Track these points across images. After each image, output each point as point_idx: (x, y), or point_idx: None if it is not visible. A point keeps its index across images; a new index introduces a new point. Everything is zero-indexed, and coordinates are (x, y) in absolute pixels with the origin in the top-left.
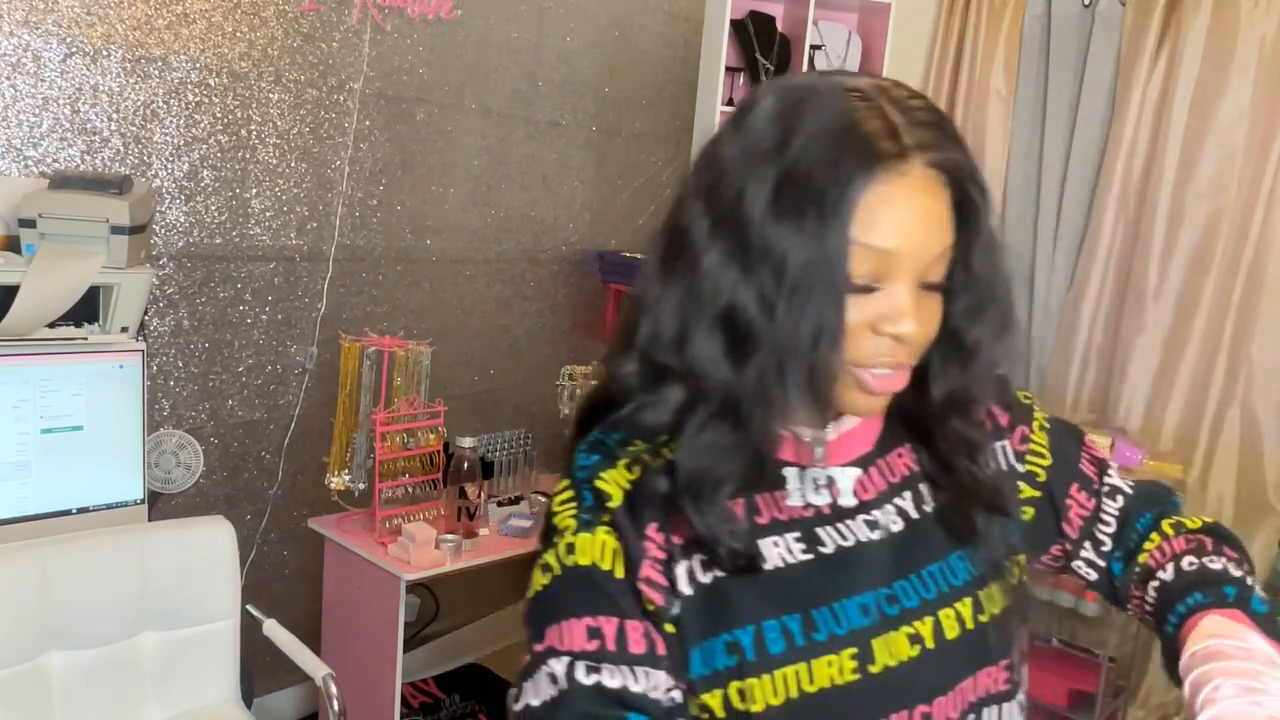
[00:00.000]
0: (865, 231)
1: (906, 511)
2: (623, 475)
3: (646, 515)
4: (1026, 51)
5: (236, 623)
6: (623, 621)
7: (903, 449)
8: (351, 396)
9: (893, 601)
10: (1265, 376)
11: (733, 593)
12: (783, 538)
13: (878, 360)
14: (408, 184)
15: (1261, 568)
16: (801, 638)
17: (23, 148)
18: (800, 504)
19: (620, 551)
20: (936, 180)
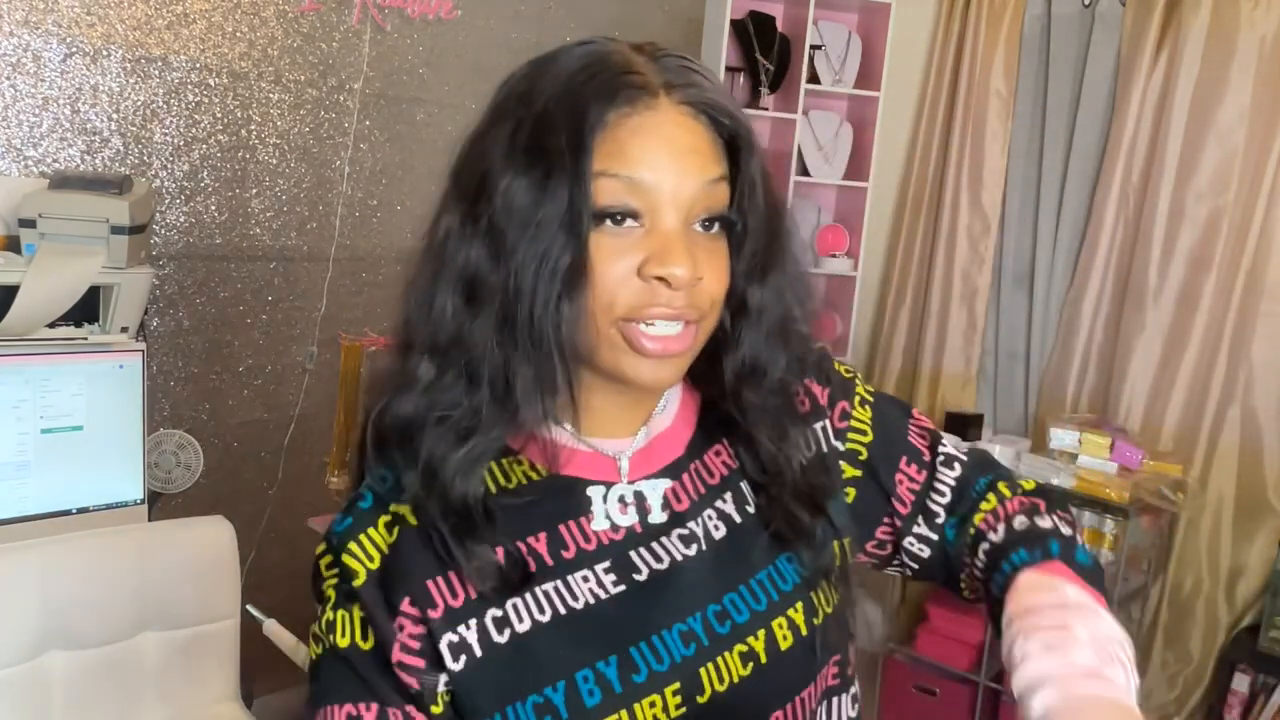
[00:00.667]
0: (610, 162)
1: (729, 515)
2: (379, 538)
3: (401, 587)
4: (1026, 51)
5: (236, 623)
6: (383, 709)
7: (719, 446)
8: (351, 396)
9: (723, 619)
10: (1265, 376)
11: (539, 646)
12: (592, 570)
13: (652, 311)
14: (408, 184)
15: (1262, 568)
16: (619, 684)
17: (23, 148)
18: (607, 526)
19: (370, 631)
20: (689, 115)
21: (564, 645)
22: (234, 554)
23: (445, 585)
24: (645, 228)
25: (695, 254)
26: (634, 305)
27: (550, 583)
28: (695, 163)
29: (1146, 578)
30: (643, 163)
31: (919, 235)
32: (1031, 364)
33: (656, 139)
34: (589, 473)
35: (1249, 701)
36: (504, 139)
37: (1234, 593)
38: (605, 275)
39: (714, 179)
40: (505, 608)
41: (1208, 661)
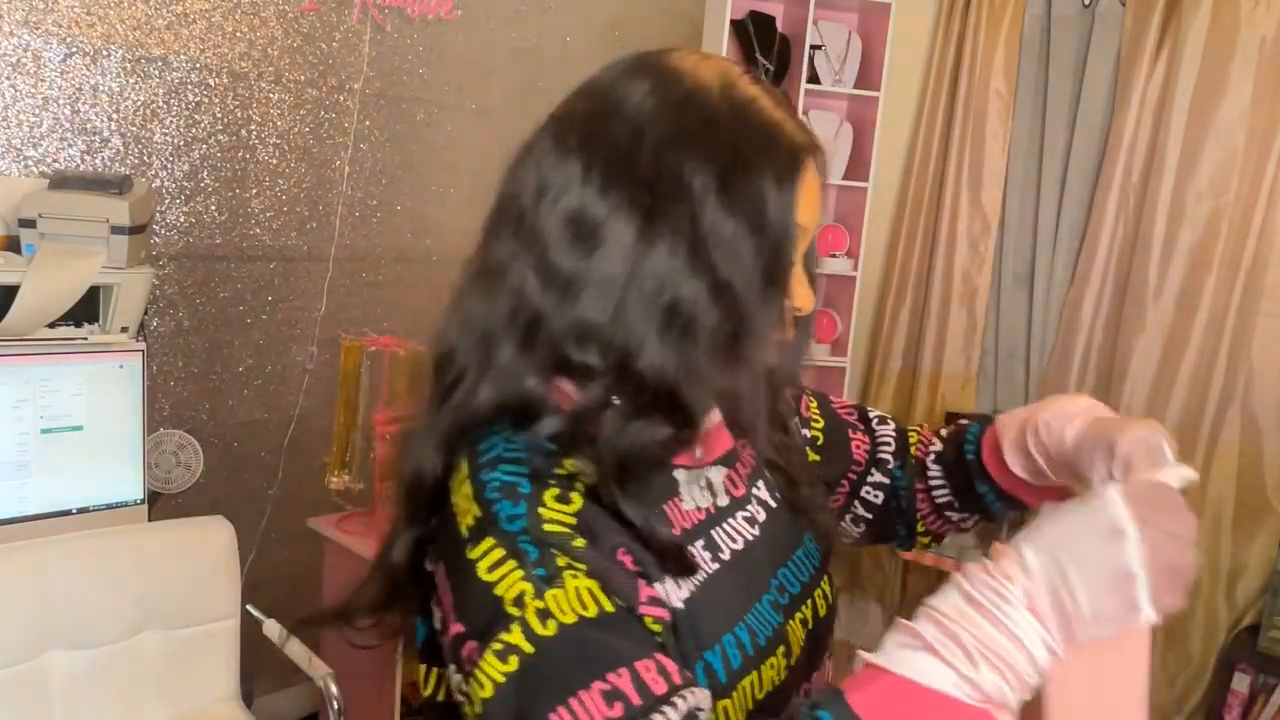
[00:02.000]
0: (800, 213)
1: (765, 500)
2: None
3: (608, 537)
4: (1026, 51)
5: (236, 623)
6: (633, 667)
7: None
8: (351, 396)
9: (783, 591)
10: (1265, 376)
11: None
12: (695, 548)
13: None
14: (408, 184)
15: (1262, 568)
16: (750, 647)
17: (23, 148)
18: (693, 507)
19: (601, 587)
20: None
21: (706, 615)
22: (234, 554)
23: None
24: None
25: None
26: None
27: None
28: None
29: None
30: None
31: (919, 235)
32: (1031, 364)
33: (815, 192)
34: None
35: (1249, 701)
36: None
37: (1234, 593)
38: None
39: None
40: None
41: (1208, 661)
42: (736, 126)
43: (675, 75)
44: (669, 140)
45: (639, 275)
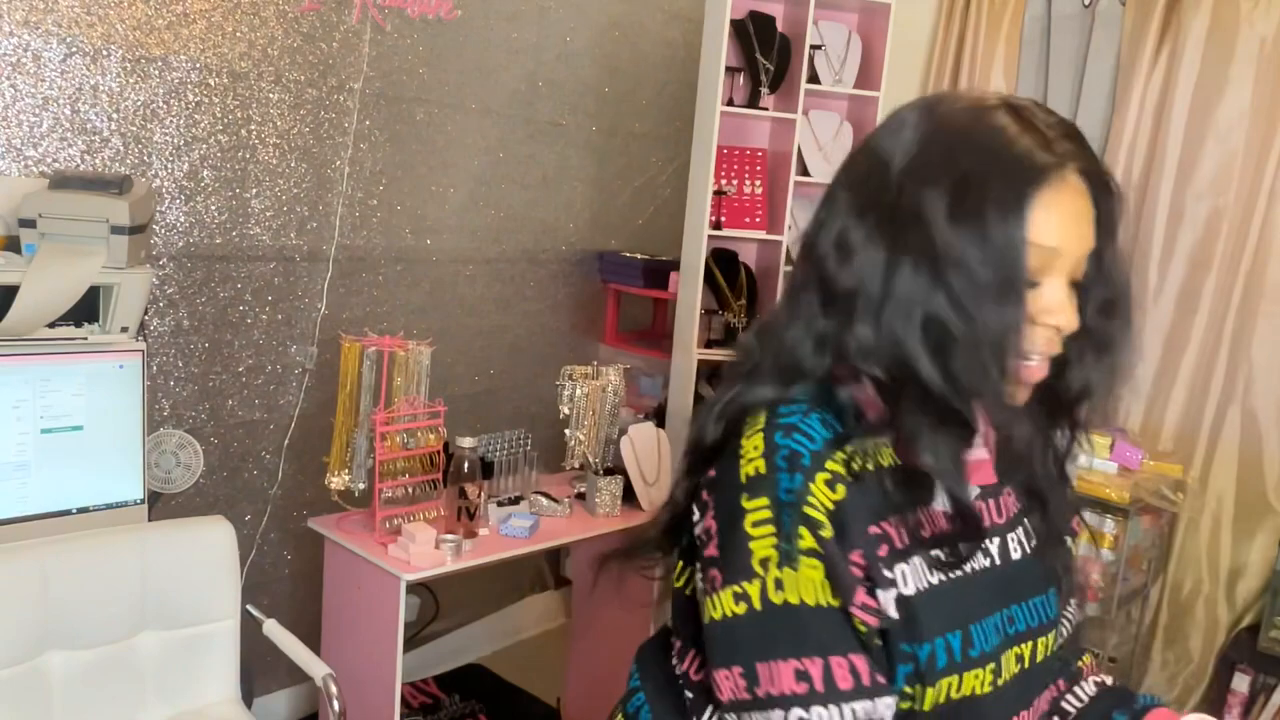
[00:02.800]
0: (1036, 232)
1: (1021, 542)
2: (826, 495)
3: (852, 536)
4: (1026, 51)
5: (236, 623)
6: (827, 660)
7: (1009, 489)
8: (351, 396)
9: (1011, 623)
10: (1265, 376)
11: (918, 609)
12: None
13: (1036, 350)
14: (408, 184)
15: (1262, 568)
16: (960, 654)
17: (23, 148)
18: (941, 509)
19: (827, 584)
20: (1084, 186)
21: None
22: (234, 554)
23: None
24: (1041, 285)
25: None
26: (1030, 345)
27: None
28: (1088, 234)
29: (1146, 578)
30: (1056, 233)
31: None
32: None
33: (1067, 210)
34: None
35: (1249, 701)
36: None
37: (1234, 593)
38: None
39: (1089, 252)
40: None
41: (1208, 661)
42: (971, 153)
43: (933, 109)
44: (911, 169)
45: (893, 293)
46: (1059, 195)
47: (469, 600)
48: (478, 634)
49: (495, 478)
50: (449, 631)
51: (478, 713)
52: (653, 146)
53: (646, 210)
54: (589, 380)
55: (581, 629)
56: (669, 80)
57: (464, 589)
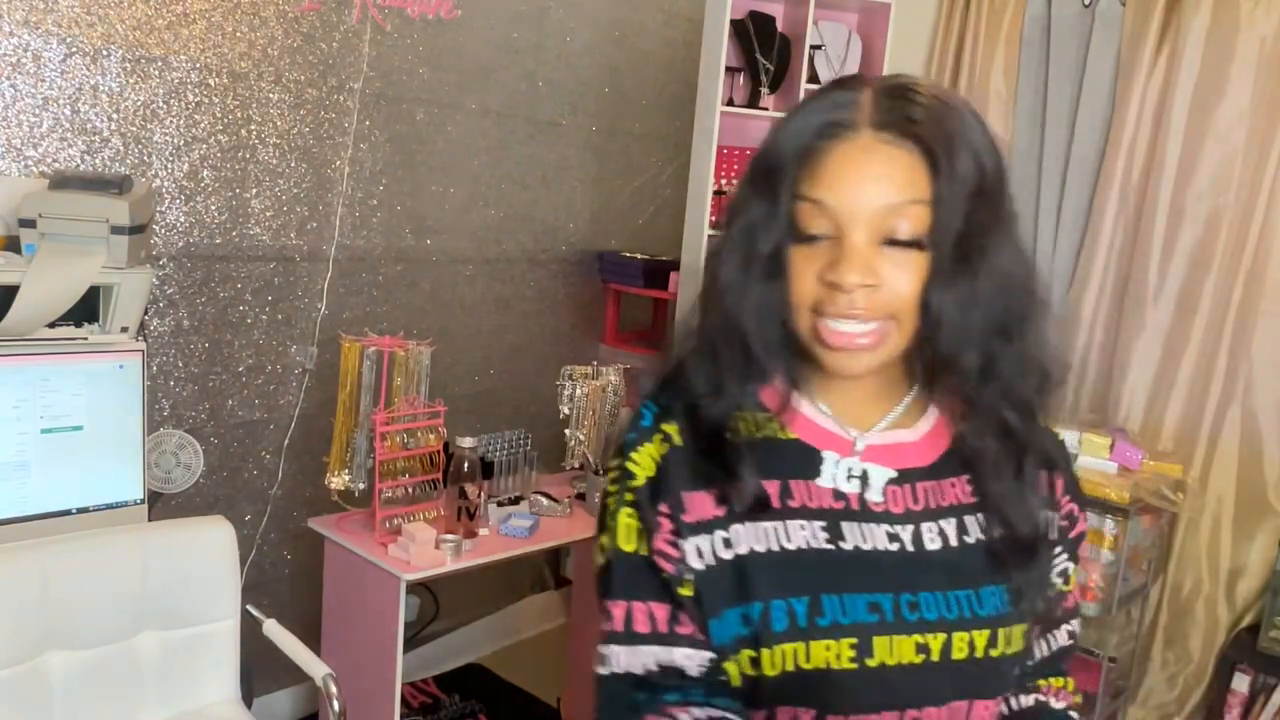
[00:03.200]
0: (804, 184)
1: (947, 535)
2: (655, 450)
3: (663, 494)
4: (1026, 52)
5: (236, 623)
6: (630, 604)
7: (959, 479)
8: (351, 396)
9: (914, 609)
10: (1265, 376)
11: (755, 570)
12: (809, 523)
13: (833, 309)
14: (408, 184)
15: (1262, 568)
16: (804, 619)
17: (23, 148)
18: (830, 485)
19: (638, 533)
20: (888, 142)
21: (772, 575)
22: (234, 554)
23: (697, 499)
24: (834, 240)
25: (877, 264)
26: (817, 302)
27: (773, 522)
28: (879, 186)
29: (1146, 578)
30: (830, 188)
31: None
32: None
33: (845, 165)
34: (825, 444)
35: (1249, 701)
36: (749, 162)
37: (1234, 593)
38: (796, 280)
39: (901, 202)
40: (731, 531)
41: (1208, 661)
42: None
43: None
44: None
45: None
46: (839, 149)
47: (469, 600)
48: (478, 634)
49: (495, 478)
50: (449, 631)
51: (478, 713)
52: (653, 146)
53: (646, 210)
54: (589, 380)
55: (581, 629)
56: (669, 80)
57: (464, 589)
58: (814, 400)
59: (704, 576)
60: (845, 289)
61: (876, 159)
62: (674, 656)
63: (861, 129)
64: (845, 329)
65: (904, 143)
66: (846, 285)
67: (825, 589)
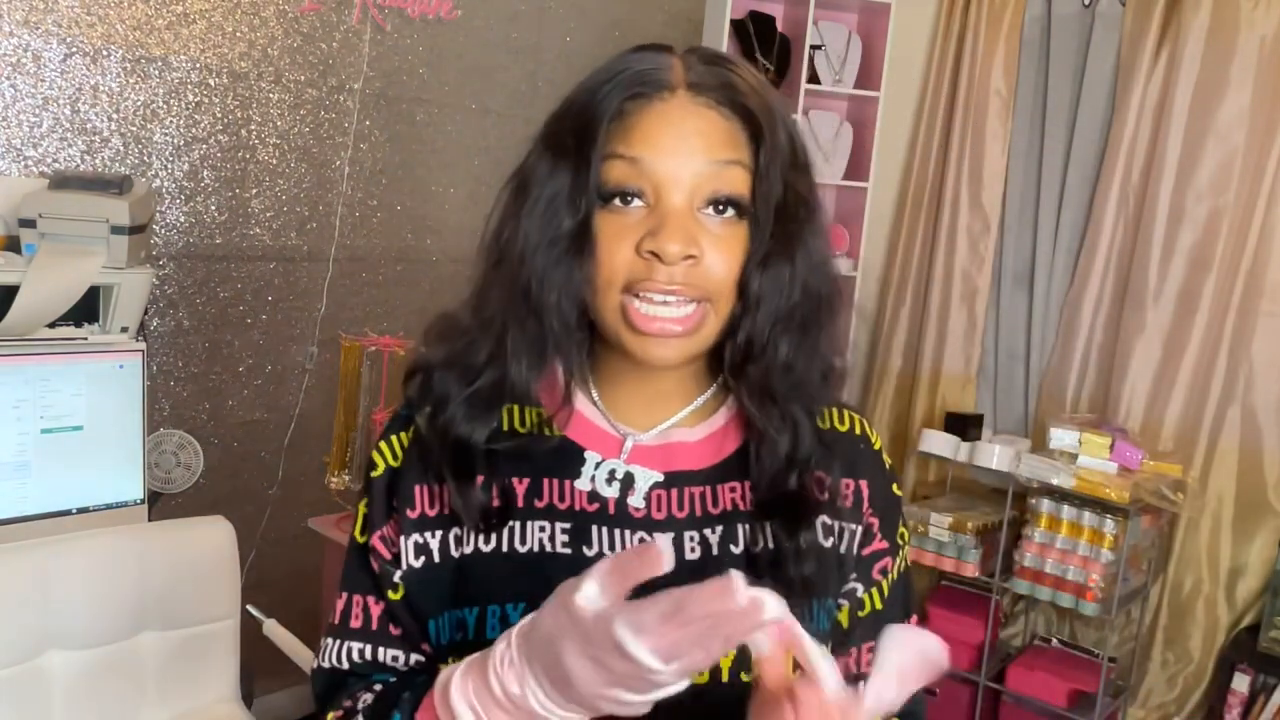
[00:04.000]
0: (616, 144)
1: (710, 544)
2: (398, 443)
3: (399, 488)
4: (1026, 51)
5: (236, 623)
6: (350, 597)
7: (737, 484)
8: (351, 396)
9: None
10: (1265, 376)
11: (475, 571)
12: (551, 525)
13: (648, 285)
14: (408, 184)
15: (1262, 568)
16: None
17: (23, 148)
18: (587, 488)
19: (367, 521)
20: (705, 105)
21: (493, 578)
22: (234, 554)
23: (428, 493)
24: (649, 206)
25: (697, 234)
26: (631, 279)
27: (509, 522)
28: (699, 144)
29: (1146, 578)
30: (645, 144)
31: (919, 235)
32: (1031, 364)
33: (662, 123)
34: (592, 443)
35: (1249, 701)
36: (543, 127)
37: (1234, 593)
38: (606, 250)
39: (722, 161)
40: (463, 528)
41: (1208, 661)
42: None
43: None
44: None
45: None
46: (653, 107)
47: None
48: None
49: None
50: None
51: None
52: None
53: None
54: None
55: None
56: None
57: None
58: (589, 393)
59: (419, 576)
60: (667, 259)
61: (695, 118)
62: (381, 655)
63: (677, 89)
64: (660, 313)
65: (721, 108)
66: (669, 255)
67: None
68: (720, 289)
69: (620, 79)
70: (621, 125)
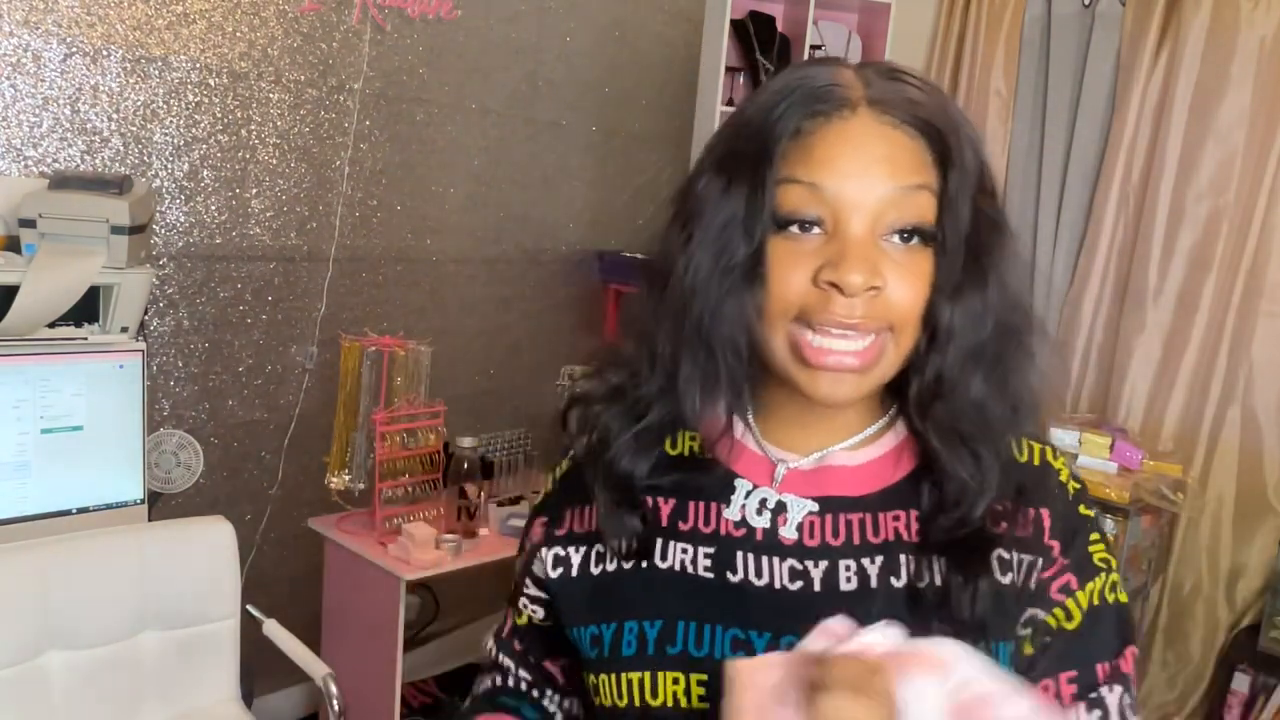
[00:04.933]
0: (795, 168)
1: (867, 575)
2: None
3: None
4: (1026, 51)
5: (236, 623)
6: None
7: (903, 513)
8: (351, 396)
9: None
10: (1265, 376)
11: (613, 588)
12: (694, 548)
13: (825, 318)
14: (408, 184)
15: (1262, 568)
16: (653, 646)
17: (23, 148)
18: (736, 518)
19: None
20: (890, 125)
21: (631, 595)
22: (234, 554)
23: (576, 514)
24: (828, 234)
25: (880, 264)
26: (806, 310)
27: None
28: (885, 169)
29: (1146, 578)
30: (826, 168)
31: None
32: None
33: (844, 146)
34: (745, 468)
35: (1249, 701)
36: (710, 146)
37: (1234, 593)
38: (781, 279)
39: (908, 186)
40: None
41: (1208, 661)
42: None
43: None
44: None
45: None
46: (836, 129)
47: (469, 600)
48: (478, 634)
49: (495, 478)
50: (449, 631)
51: None
52: (652, 146)
53: (646, 210)
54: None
55: None
56: (669, 80)
57: (464, 589)
58: (746, 418)
59: (562, 588)
60: (848, 291)
61: (879, 139)
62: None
63: (858, 107)
64: (834, 345)
65: (905, 127)
66: (851, 287)
67: (684, 615)
68: (905, 321)
69: (795, 95)
70: (798, 146)
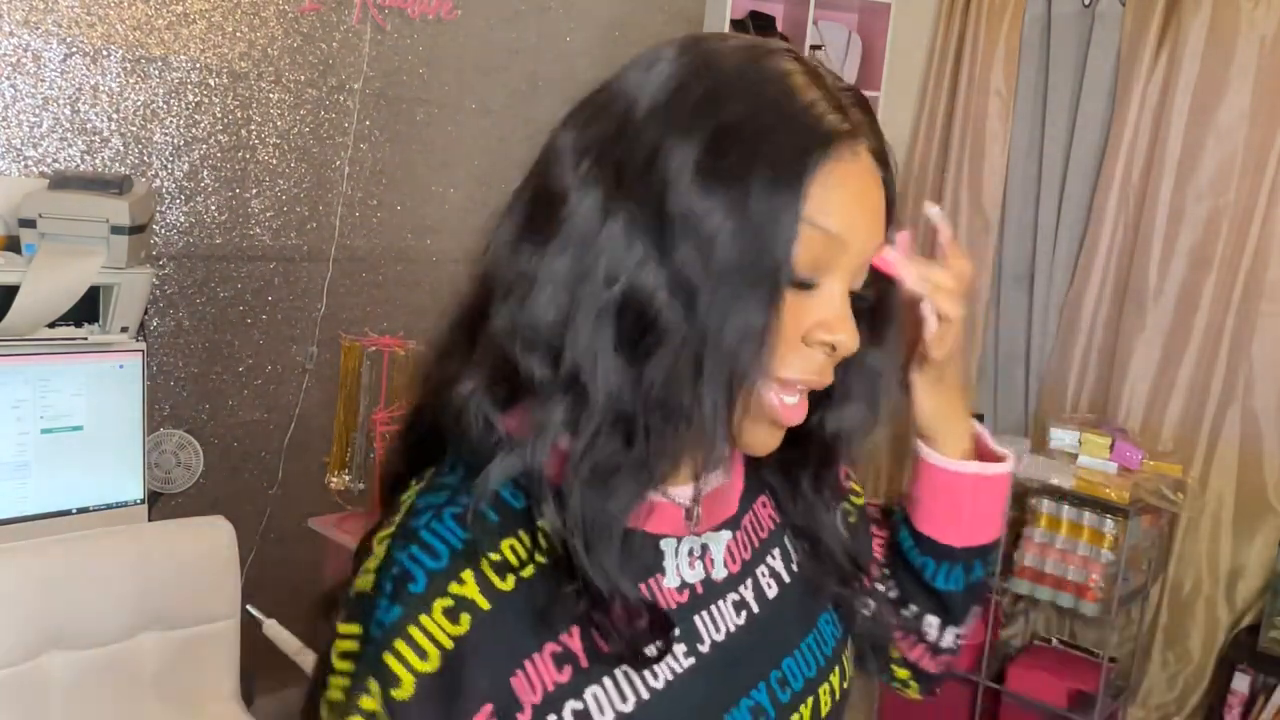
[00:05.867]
0: (817, 211)
1: (779, 573)
2: (438, 633)
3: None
4: (1026, 51)
5: (236, 623)
6: None
7: (764, 498)
8: (351, 396)
9: (784, 686)
10: (1265, 376)
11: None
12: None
13: (800, 376)
14: (408, 184)
15: (1262, 568)
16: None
17: (23, 148)
18: (677, 584)
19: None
20: (876, 169)
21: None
22: (234, 554)
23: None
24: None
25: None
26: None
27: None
28: (878, 227)
29: (1146, 578)
30: (843, 217)
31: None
32: (1031, 364)
33: (857, 192)
34: (663, 525)
35: (1249, 701)
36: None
37: (1234, 593)
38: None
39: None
40: (587, 696)
41: (1208, 661)
42: (741, 98)
43: (698, 44)
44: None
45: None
46: (850, 170)
47: None
48: None
49: None
50: None
51: None
52: None
53: None
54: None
55: None
56: None
57: None
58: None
59: None
60: (842, 354)
61: (876, 189)
62: None
63: (860, 142)
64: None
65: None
66: (846, 349)
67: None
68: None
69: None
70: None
